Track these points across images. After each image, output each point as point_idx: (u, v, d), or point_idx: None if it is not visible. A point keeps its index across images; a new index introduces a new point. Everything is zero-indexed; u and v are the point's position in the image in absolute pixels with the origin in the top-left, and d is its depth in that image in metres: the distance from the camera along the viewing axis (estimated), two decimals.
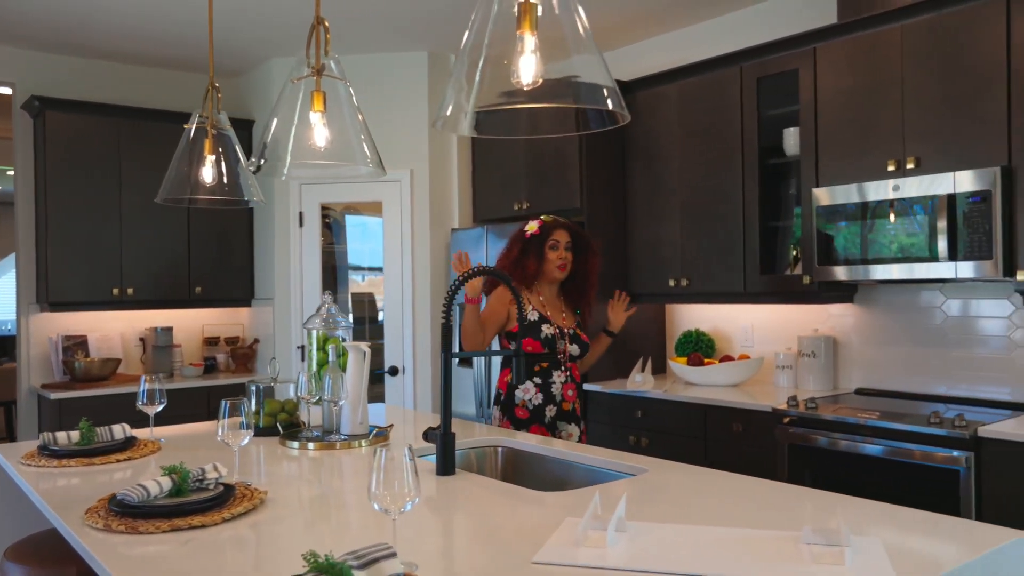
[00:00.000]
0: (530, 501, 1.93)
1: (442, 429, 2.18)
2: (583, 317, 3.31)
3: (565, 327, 3.18)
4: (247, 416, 2.13)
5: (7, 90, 5.03)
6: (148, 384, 2.56)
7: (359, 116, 2.20)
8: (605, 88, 1.46)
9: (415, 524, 1.75)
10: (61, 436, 2.49)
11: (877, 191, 3.34)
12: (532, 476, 2.56)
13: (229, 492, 1.89)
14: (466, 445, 2.65)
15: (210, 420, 3.41)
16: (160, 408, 2.57)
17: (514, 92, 1.44)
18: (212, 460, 2.00)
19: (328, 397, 2.55)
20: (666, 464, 2.27)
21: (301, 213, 5.17)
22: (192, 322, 5.51)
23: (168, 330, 5.23)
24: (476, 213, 5.21)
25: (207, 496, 1.84)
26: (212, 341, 5.56)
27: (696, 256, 4.16)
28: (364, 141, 2.19)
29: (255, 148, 2.28)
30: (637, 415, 4.02)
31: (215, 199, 2.87)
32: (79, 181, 4.83)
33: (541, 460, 2.55)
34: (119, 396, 4.58)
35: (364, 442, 2.59)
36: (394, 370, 5.08)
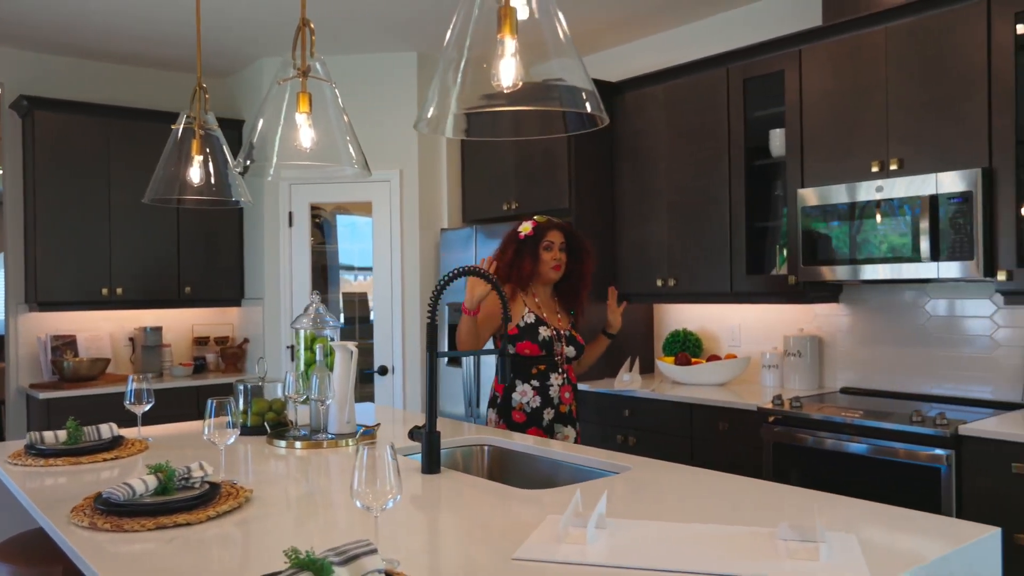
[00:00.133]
0: (513, 499, 1.95)
1: (427, 428, 2.20)
2: (576, 318, 3.29)
3: (561, 329, 3.16)
4: (233, 415, 2.14)
5: None
6: (136, 384, 2.57)
7: (344, 117, 2.22)
8: (584, 91, 1.48)
9: (399, 521, 1.77)
10: (48, 435, 2.50)
11: (861, 192, 3.37)
12: (518, 475, 2.58)
13: (215, 490, 1.90)
14: (452, 444, 2.67)
15: (199, 420, 3.41)
16: (148, 407, 2.58)
17: (495, 95, 1.47)
18: (199, 459, 2.01)
19: (315, 396, 2.57)
20: (650, 462, 2.30)
21: (291, 213, 5.18)
22: (182, 322, 5.51)
23: (157, 330, 5.23)
24: (465, 213, 5.23)
25: (192, 494, 1.85)
26: (202, 341, 5.56)
27: (683, 256, 4.19)
28: (350, 142, 2.21)
29: (242, 149, 2.30)
30: (625, 414, 4.04)
31: (203, 199, 2.88)
32: (68, 181, 4.83)
33: (527, 459, 2.57)
34: (108, 396, 4.58)
35: (351, 441, 2.61)
36: (384, 370, 5.10)
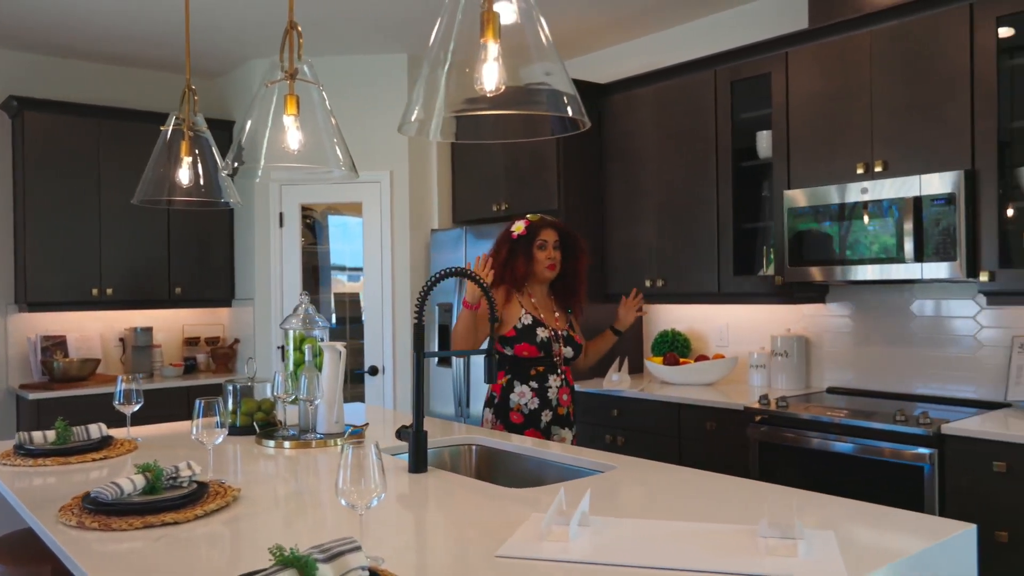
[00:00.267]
0: (498, 497, 1.97)
1: (414, 427, 2.22)
2: (574, 316, 3.25)
3: (559, 329, 3.12)
4: (221, 415, 2.16)
5: None
6: (125, 384, 2.58)
7: (332, 120, 2.23)
8: (566, 95, 1.50)
9: (385, 520, 1.78)
10: (37, 435, 2.51)
11: (847, 193, 3.41)
12: (506, 474, 2.60)
13: (203, 490, 1.92)
14: (440, 444, 2.69)
15: (189, 420, 3.41)
16: (137, 408, 2.59)
17: (478, 98, 1.49)
18: (188, 459, 2.01)
19: (304, 396, 2.58)
20: (635, 462, 2.32)
21: (281, 214, 5.18)
22: (172, 322, 5.52)
23: (148, 330, 5.23)
24: (455, 214, 5.25)
25: (180, 493, 1.87)
26: (192, 341, 5.56)
27: (672, 257, 4.21)
28: (337, 144, 2.22)
29: (230, 151, 2.31)
30: (613, 414, 4.07)
31: (192, 200, 2.90)
32: (58, 181, 4.83)
33: (514, 458, 2.59)
34: (98, 396, 4.58)
35: (339, 441, 2.62)
36: (374, 370, 5.11)
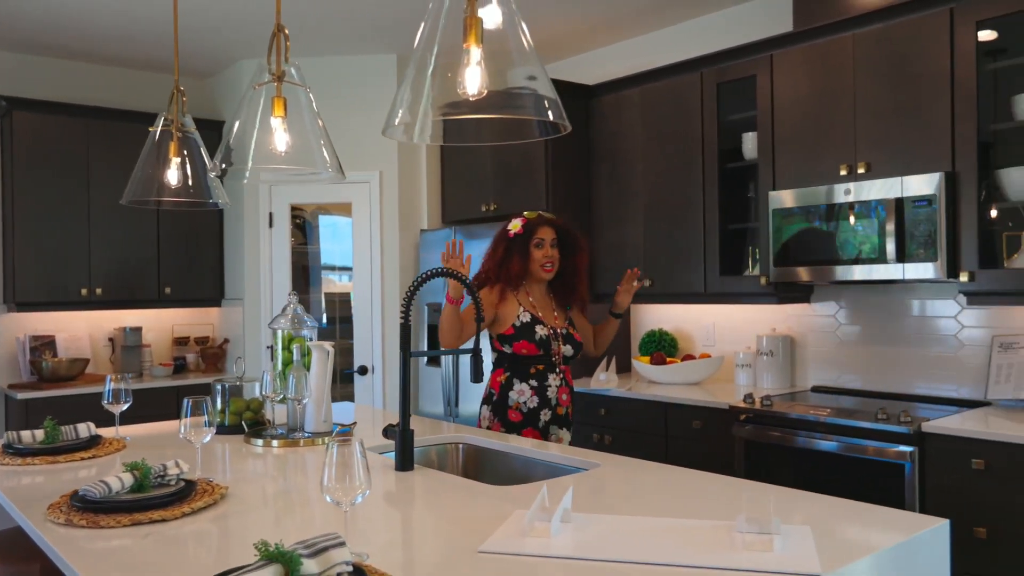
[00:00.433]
0: (483, 495, 2.00)
1: (400, 426, 2.24)
2: (580, 312, 3.22)
3: (558, 327, 3.08)
4: (209, 414, 2.18)
5: None
6: (113, 384, 2.60)
7: (319, 122, 2.26)
8: (547, 100, 1.53)
9: (370, 517, 1.81)
10: (26, 435, 2.52)
11: (830, 195, 3.45)
12: (493, 472, 2.63)
13: (190, 487, 1.94)
14: (428, 442, 2.71)
15: (178, 420, 3.43)
16: (125, 407, 2.61)
17: (461, 102, 1.51)
18: (176, 458, 2.03)
19: (292, 396, 2.60)
20: (619, 459, 2.35)
21: (271, 214, 5.20)
22: (162, 322, 5.52)
23: (137, 330, 5.23)
24: (445, 214, 5.28)
25: (168, 491, 1.89)
26: (182, 341, 5.57)
27: (659, 257, 4.25)
28: (324, 146, 2.25)
29: (217, 152, 2.33)
30: (601, 413, 4.10)
31: (180, 201, 2.91)
32: (47, 181, 4.83)
33: (501, 457, 2.62)
34: (87, 396, 4.59)
35: (327, 439, 2.64)
36: (363, 369, 5.13)
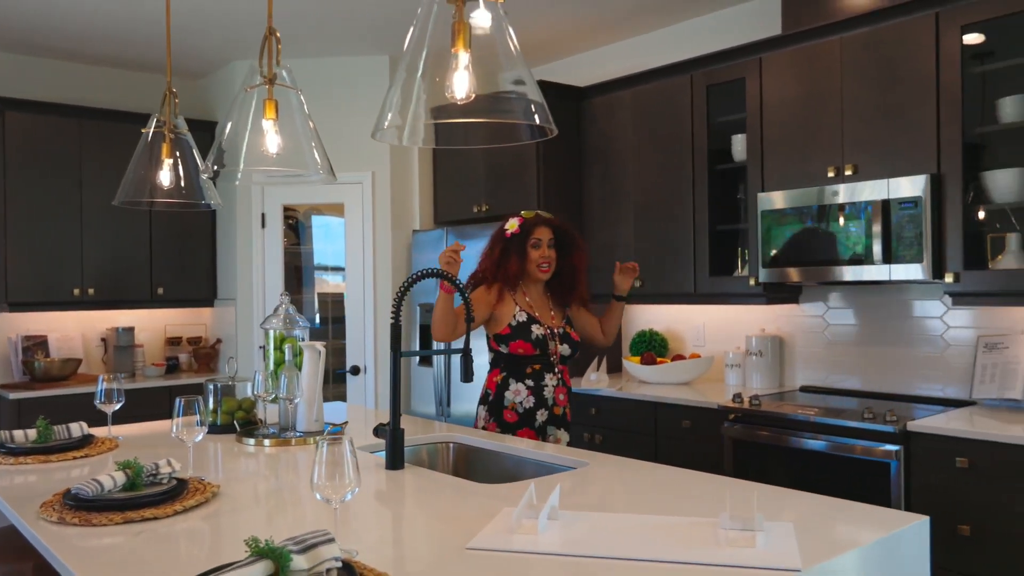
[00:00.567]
0: (472, 493, 2.02)
1: (391, 425, 2.27)
2: (584, 309, 3.22)
3: (555, 327, 3.06)
4: (201, 413, 2.20)
5: None
6: (106, 383, 2.61)
7: (310, 124, 2.28)
8: (533, 104, 1.56)
9: (360, 514, 1.83)
10: (18, 434, 2.53)
11: (818, 196, 3.48)
12: (483, 471, 2.65)
13: (182, 486, 1.96)
14: (419, 441, 2.74)
15: (170, 420, 3.44)
16: (118, 406, 2.62)
17: (448, 106, 1.54)
18: (168, 457, 2.05)
19: (283, 395, 2.62)
20: (607, 458, 2.38)
21: (263, 214, 5.21)
22: (154, 322, 5.53)
23: (130, 330, 5.24)
24: (437, 215, 5.30)
25: (160, 490, 1.90)
26: (174, 341, 5.58)
27: (650, 258, 4.27)
28: (315, 148, 2.27)
29: (209, 154, 2.35)
30: (591, 412, 4.12)
31: (173, 202, 2.93)
32: (39, 181, 4.83)
33: (491, 455, 2.64)
34: (79, 396, 4.59)
35: (319, 438, 2.66)
36: (356, 369, 5.15)
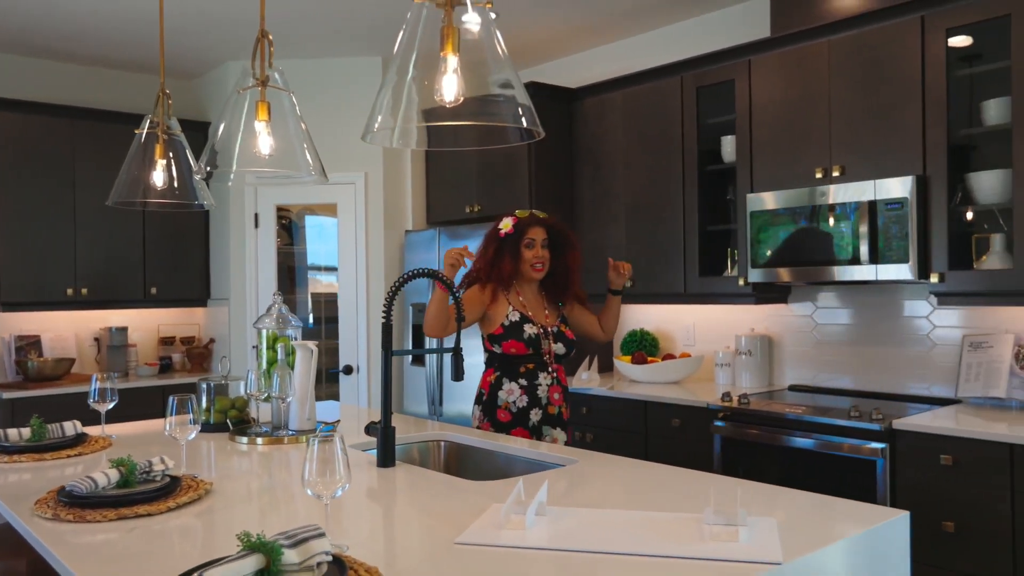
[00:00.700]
0: (462, 490, 2.05)
1: (382, 422, 2.29)
2: (581, 306, 3.24)
3: (549, 326, 3.07)
4: (194, 412, 2.22)
5: None
6: (99, 382, 2.63)
7: (302, 125, 2.30)
8: (521, 106, 1.59)
9: (351, 510, 1.86)
10: (12, 433, 2.55)
11: (806, 197, 3.52)
12: (474, 469, 2.68)
13: (175, 483, 1.98)
14: (410, 440, 2.76)
15: (163, 418, 3.46)
16: (111, 405, 2.64)
17: (437, 109, 1.56)
18: (161, 455, 2.08)
19: (276, 394, 2.65)
20: (595, 456, 2.41)
21: (256, 215, 5.23)
22: (148, 322, 5.54)
23: (123, 330, 5.25)
24: (429, 215, 5.33)
25: (153, 487, 1.93)
26: (168, 341, 5.59)
27: (641, 258, 4.30)
28: (307, 150, 2.29)
29: (203, 155, 2.37)
30: (583, 411, 4.16)
31: (166, 202, 2.95)
32: (32, 181, 4.84)
33: (482, 453, 2.67)
34: (72, 395, 4.61)
35: (311, 436, 2.69)
36: (348, 369, 5.17)
